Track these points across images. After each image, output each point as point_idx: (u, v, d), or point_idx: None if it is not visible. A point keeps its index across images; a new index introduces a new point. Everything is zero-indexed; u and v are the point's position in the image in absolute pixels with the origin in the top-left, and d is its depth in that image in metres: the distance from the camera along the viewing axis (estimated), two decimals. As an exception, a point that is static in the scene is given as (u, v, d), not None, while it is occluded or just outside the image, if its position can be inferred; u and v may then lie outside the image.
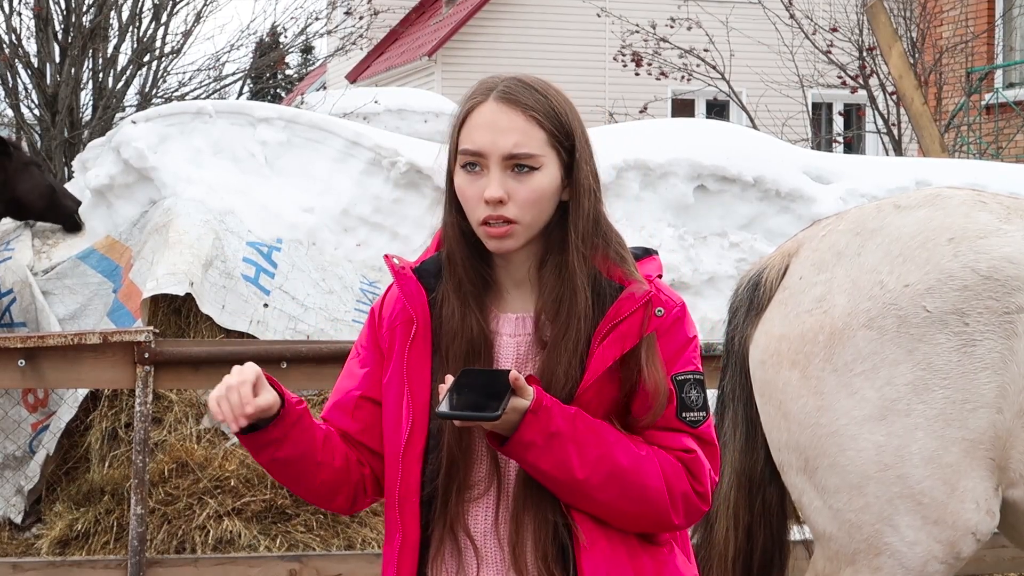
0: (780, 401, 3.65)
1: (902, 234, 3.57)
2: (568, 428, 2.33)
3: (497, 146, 2.37)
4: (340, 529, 6.08)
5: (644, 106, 15.29)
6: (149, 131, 7.06)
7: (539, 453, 2.32)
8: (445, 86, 21.10)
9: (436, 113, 12.34)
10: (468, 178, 2.40)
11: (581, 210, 2.42)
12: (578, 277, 2.40)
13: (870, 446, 3.46)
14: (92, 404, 6.47)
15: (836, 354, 3.53)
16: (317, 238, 6.87)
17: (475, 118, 2.40)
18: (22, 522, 6.55)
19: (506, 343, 2.45)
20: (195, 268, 6.31)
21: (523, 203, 2.38)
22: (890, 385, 3.45)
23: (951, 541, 3.46)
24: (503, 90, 2.41)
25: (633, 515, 2.39)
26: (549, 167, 2.40)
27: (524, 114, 2.39)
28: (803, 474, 3.61)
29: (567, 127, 2.42)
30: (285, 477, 2.46)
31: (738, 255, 7.25)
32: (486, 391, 2.28)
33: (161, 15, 12.57)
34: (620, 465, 2.36)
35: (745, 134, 8.31)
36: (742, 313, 3.82)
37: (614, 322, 2.38)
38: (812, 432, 3.56)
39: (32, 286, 6.69)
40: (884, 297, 3.50)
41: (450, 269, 2.45)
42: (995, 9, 15.73)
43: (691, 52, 15.42)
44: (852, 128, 20.94)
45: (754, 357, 3.76)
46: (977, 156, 14.07)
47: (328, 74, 26.53)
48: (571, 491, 2.36)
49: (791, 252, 3.78)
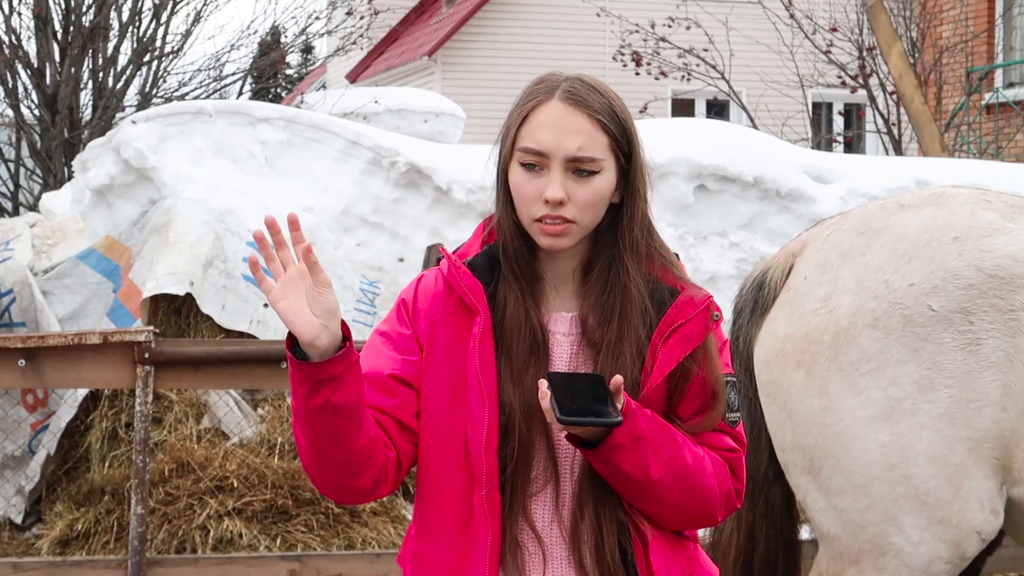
0: (785, 401, 3.64)
1: (907, 233, 3.57)
2: (648, 430, 2.36)
3: (561, 148, 2.37)
4: (340, 529, 6.08)
5: (644, 106, 15.27)
6: (149, 131, 7.06)
7: (625, 455, 2.34)
8: (445, 86, 21.09)
9: (436, 113, 12.34)
10: (527, 175, 2.39)
11: (637, 214, 2.44)
12: (632, 280, 2.41)
13: (875, 446, 3.46)
14: (92, 404, 6.47)
15: (841, 354, 3.52)
16: (317, 238, 6.87)
17: (539, 116, 2.39)
18: (22, 522, 6.55)
19: (560, 341, 2.45)
20: (195, 268, 6.31)
21: (583, 205, 2.38)
22: (896, 384, 3.45)
23: (956, 541, 3.46)
24: (568, 90, 2.40)
25: (688, 513, 2.43)
26: (608, 171, 2.40)
27: (590, 117, 2.38)
28: (808, 474, 3.60)
29: (628, 132, 2.43)
30: (328, 432, 2.30)
31: (738, 255, 7.25)
32: (586, 395, 2.30)
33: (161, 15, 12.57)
34: (687, 465, 2.39)
35: (745, 134, 8.31)
36: (746, 313, 3.81)
37: (675, 325, 2.40)
38: (817, 432, 3.55)
39: (32, 286, 6.69)
40: (889, 296, 3.49)
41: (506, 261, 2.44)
42: (995, 9, 15.73)
43: (691, 52, 15.42)
44: (852, 128, 20.93)
45: (759, 357, 3.75)
46: (977, 156, 14.06)
47: (328, 74, 26.52)
48: (642, 491, 2.38)
49: (795, 252, 3.78)
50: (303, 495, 6.08)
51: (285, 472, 6.09)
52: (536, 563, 2.42)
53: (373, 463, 2.38)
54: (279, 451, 6.21)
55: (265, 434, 6.29)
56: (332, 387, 2.26)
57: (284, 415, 6.37)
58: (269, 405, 6.45)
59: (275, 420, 6.35)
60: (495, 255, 2.46)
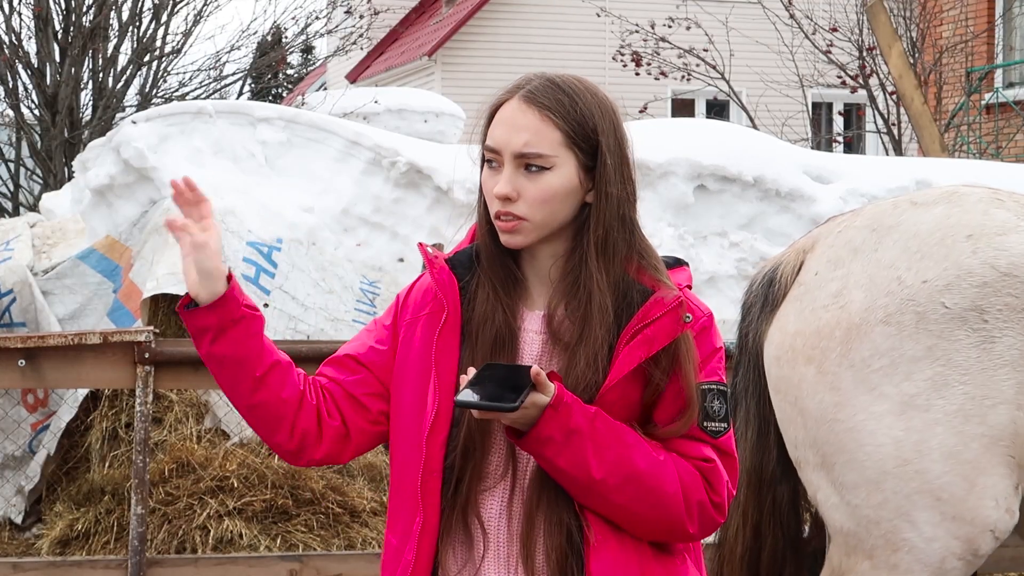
0: (796, 397, 3.62)
1: (920, 231, 3.56)
2: (587, 426, 2.34)
3: (509, 144, 2.40)
4: (340, 529, 6.08)
5: (644, 106, 15.27)
6: (149, 131, 7.06)
7: (557, 449, 2.33)
8: (445, 86, 21.09)
9: (436, 113, 12.34)
10: (488, 172, 2.45)
11: (600, 213, 2.42)
12: (595, 278, 2.40)
13: (889, 441, 3.44)
14: (92, 404, 6.47)
15: (853, 350, 3.51)
16: (317, 238, 6.87)
17: (499, 115, 2.44)
18: (22, 522, 6.55)
19: (531, 339, 2.46)
20: (195, 268, 6.31)
21: (532, 201, 2.39)
22: (909, 381, 3.44)
23: (969, 538, 3.44)
24: (528, 89, 2.44)
25: (648, 520, 2.39)
26: (563, 168, 2.40)
27: (540, 113, 2.40)
28: (820, 470, 3.58)
29: (589, 129, 2.42)
30: (222, 380, 2.45)
31: (738, 255, 7.25)
32: (507, 384, 2.30)
33: (161, 15, 12.58)
34: (637, 468, 2.36)
35: (745, 134, 8.31)
36: (756, 310, 3.79)
37: (641, 324, 2.38)
38: (829, 428, 3.53)
39: (32, 286, 6.69)
40: (902, 293, 3.49)
41: (479, 261, 2.48)
42: (995, 9, 15.73)
43: (691, 52, 15.41)
44: (852, 128, 20.93)
45: (768, 354, 3.73)
46: (977, 156, 14.06)
47: (328, 74, 26.52)
48: (587, 491, 2.36)
49: (806, 249, 3.76)
50: (303, 495, 6.08)
51: (285, 472, 6.09)
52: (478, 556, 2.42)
53: (286, 423, 2.47)
54: (279, 451, 6.20)
55: (265, 434, 6.28)
56: (210, 337, 2.41)
57: (284, 415, 6.36)
58: (269, 405, 6.44)
59: (275, 420, 6.35)
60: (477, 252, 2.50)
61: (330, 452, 2.50)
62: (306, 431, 2.48)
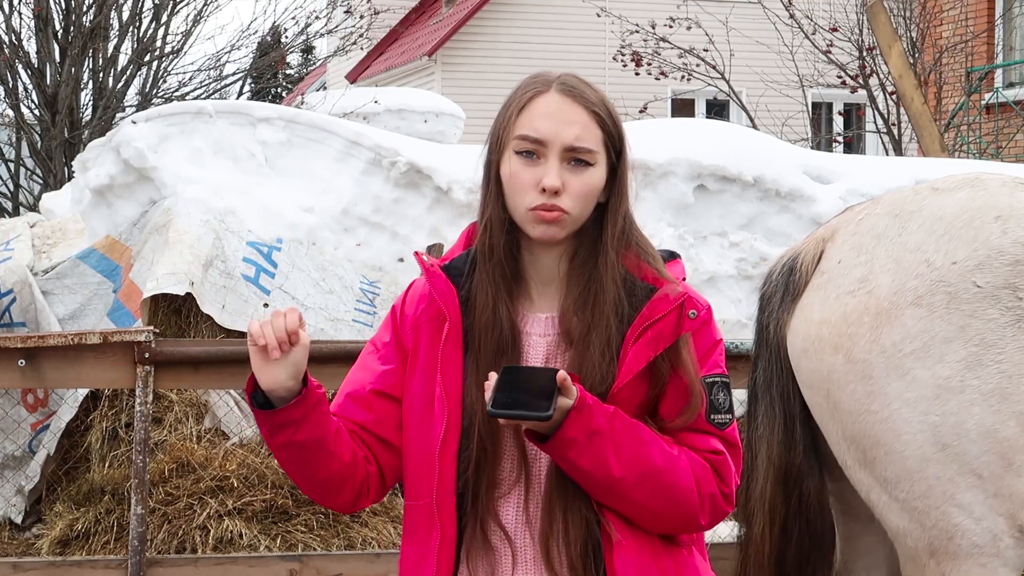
0: (827, 390, 3.54)
1: (945, 214, 3.52)
2: (607, 426, 2.34)
3: (559, 136, 2.39)
4: (340, 529, 6.08)
5: (644, 106, 15.27)
6: (149, 131, 7.05)
7: (580, 451, 2.33)
8: (445, 86, 21.09)
9: (436, 113, 12.35)
10: (523, 164, 2.40)
11: (620, 210, 2.45)
12: (608, 275, 2.41)
13: (926, 428, 3.39)
14: (92, 404, 6.47)
15: (884, 335, 3.45)
16: (317, 238, 6.87)
17: (537, 106, 2.41)
18: (22, 522, 6.55)
19: (535, 343, 2.45)
20: (195, 268, 6.31)
21: (576, 195, 2.40)
22: (941, 363, 3.39)
23: (1011, 513, 3.39)
24: (565, 83, 2.43)
25: (663, 515, 2.40)
26: (600, 165, 2.43)
27: (587, 110, 2.41)
28: (864, 468, 3.50)
29: (619, 130, 2.45)
30: (296, 465, 2.43)
31: (738, 255, 7.25)
32: (531, 389, 2.29)
33: (161, 15, 12.58)
34: (655, 464, 2.37)
35: (745, 134, 8.31)
36: (777, 299, 3.70)
37: (648, 322, 2.39)
38: (864, 420, 3.47)
39: (32, 286, 6.68)
40: (931, 275, 3.44)
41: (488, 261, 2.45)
42: (995, 9, 15.73)
43: (691, 52, 15.41)
44: (852, 128, 20.93)
45: (794, 346, 3.65)
46: (977, 156, 14.06)
47: (328, 74, 26.52)
48: (607, 489, 2.37)
49: (825, 238, 3.70)
50: (303, 495, 6.07)
51: (285, 472, 6.09)
52: (506, 564, 2.42)
53: (350, 483, 2.46)
54: (279, 451, 6.20)
55: (265, 434, 6.28)
56: (292, 429, 2.37)
57: (284, 415, 6.36)
58: (269, 405, 6.44)
59: (275, 420, 6.35)
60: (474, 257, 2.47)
61: (377, 496, 2.51)
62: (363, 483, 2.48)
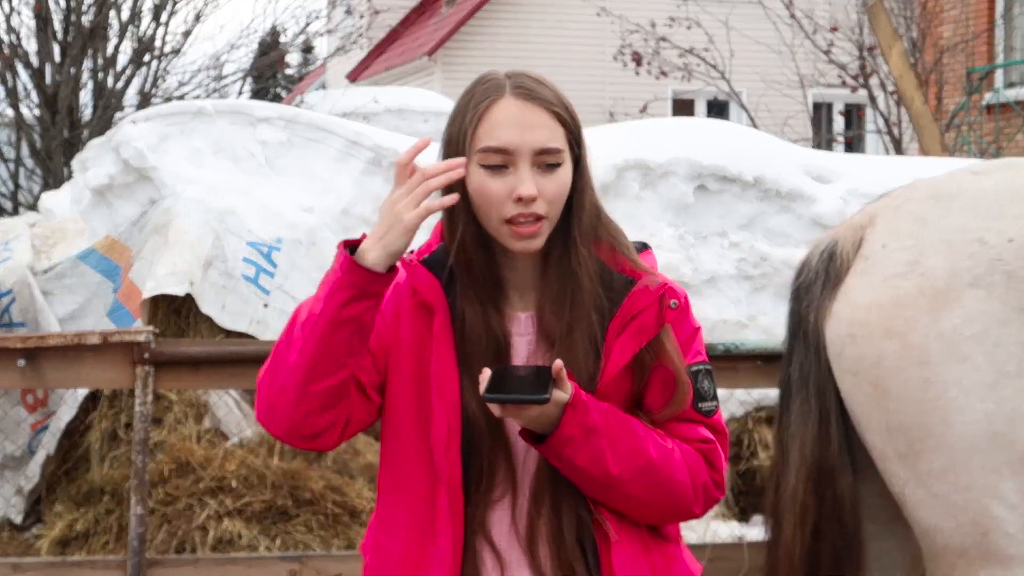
0: (876, 377, 3.35)
1: (988, 193, 3.38)
2: (603, 422, 2.32)
3: (527, 142, 2.34)
4: (340, 529, 6.08)
5: (644, 106, 15.28)
6: (149, 131, 7.05)
7: (576, 448, 2.31)
8: (445, 86, 21.09)
9: (436, 113, 12.36)
10: (491, 176, 2.35)
11: (585, 202, 2.41)
12: (583, 270, 2.38)
13: (981, 416, 3.21)
14: (92, 404, 6.47)
15: (943, 318, 3.26)
16: (317, 238, 6.86)
17: (496, 115, 2.36)
18: (22, 522, 6.55)
19: (516, 343, 2.43)
20: (195, 268, 6.31)
21: (551, 198, 2.35)
22: (999, 347, 3.21)
23: None
24: (520, 85, 2.38)
25: (658, 507, 2.39)
26: (567, 163, 2.39)
27: (547, 110, 2.37)
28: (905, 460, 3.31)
29: (577, 123, 2.42)
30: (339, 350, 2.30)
31: (738, 255, 7.24)
32: (526, 381, 2.28)
33: (161, 15, 12.57)
34: (651, 459, 2.36)
35: (745, 134, 8.30)
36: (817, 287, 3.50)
37: (630, 315, 2.37)
38: (916, 409, 3.28)
39: (32, 286, 6.68)
40: (987, 254, 3.28)
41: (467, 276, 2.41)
42: (995, 9, 15.73)
43: (691, 52, 15.42)
44: (852, 128, 20.92)
45: (838, 332, 3.45)
46: (977, 156, 14.06)
47: (328, 74, 26.53)
48: (603, 486, 2.35)
49: (864, 224, 3.53)
50: (303, 495, 6.08)
51: (285, 472, 6.09)
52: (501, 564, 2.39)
53: (339, 405, 2.36)
54: (279, 451, 6.20)
55: (265, 434, 6.28)
56: (369, 303, 2.30)
57: (284, 415, 6.36)
58: (269, 405, 6.44)
59: (275, 420, 6.34)
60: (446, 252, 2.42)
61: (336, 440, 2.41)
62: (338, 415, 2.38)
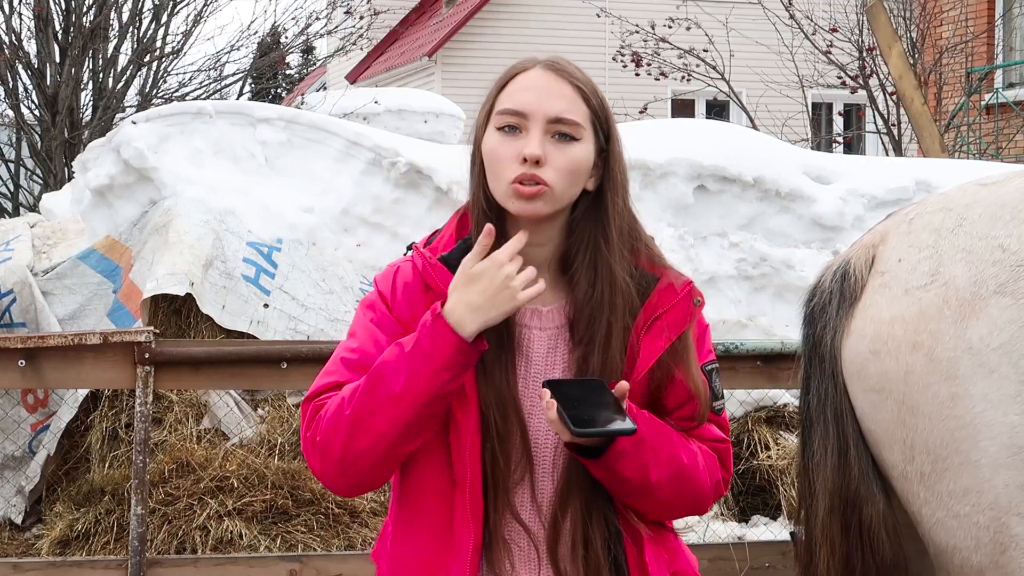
0: (903, 394, 3.23)
1: (1004, 201, 3.28)
2: (648, 433, 2.31)
3: (543, 107, 2.33)
4: (340, 529, 6.08)
5: (644, 106, 15.28)
6: (149, 131, 7.06)
7: (627, 461, 2.29)
8: (445, 86, 21.09)
9: (436, 113, 12.34)
10: (504, 138, 2.34)
11: (618, 204, 2.38)
12: (619, 274, 2.35)
13: (1005, 430, 3.08)
14: (92, 404, 6.47)
15: (970, 328, 3.15)
16: (317, 238, 6.87)
17: (520, 82, 2.36)
18: (22, 522, 6.55)
19: (536, 336, 2.38)
20: (195, 268, 6.31)
21: (559, 169, 2.32)
22: None
23: None
24: (550, 61, 2.38)
25: (680, 507, 2.40)
26: (587, 143, 2.36)
27: (573, 85, 2.36)
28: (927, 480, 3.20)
29: (607, 111, 2.41)
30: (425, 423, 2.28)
31: (738, 255, 7.25)
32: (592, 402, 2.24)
33: (161, 15, 12.59)
34: (683, 464, 2.35)
35: (745, 134, 8.31)
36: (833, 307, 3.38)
37: (655, 313, 2.35)
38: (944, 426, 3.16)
39: (32, 286, 6.69)
40: (1010, 260, 3.18)
41: None
42: (995, 9, 15.74)
43: (691, 52, 15.42)
44: (852, 128, 20.93)
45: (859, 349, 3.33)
46: (977, 156, 14.06)
47: (328, 74, 26.53)
48: (638, 491, 2.33)
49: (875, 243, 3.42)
50: (303, 495, 6.08)
51: (285, 472, 6.09)
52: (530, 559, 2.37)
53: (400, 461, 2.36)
54: (279, 451, 6.21)
55: (265, 434, 6.28)
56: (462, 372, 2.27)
57: (284, 415, 6.36)
58: (269, 405, 6.45)
59: (275, 420, 6.35)
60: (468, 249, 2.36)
61: None
62: None
